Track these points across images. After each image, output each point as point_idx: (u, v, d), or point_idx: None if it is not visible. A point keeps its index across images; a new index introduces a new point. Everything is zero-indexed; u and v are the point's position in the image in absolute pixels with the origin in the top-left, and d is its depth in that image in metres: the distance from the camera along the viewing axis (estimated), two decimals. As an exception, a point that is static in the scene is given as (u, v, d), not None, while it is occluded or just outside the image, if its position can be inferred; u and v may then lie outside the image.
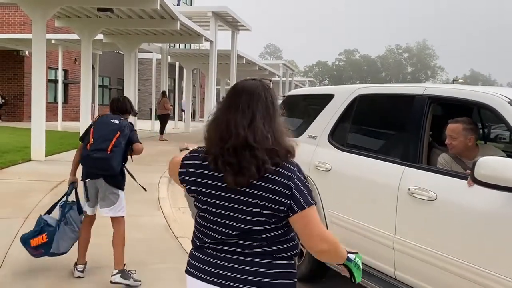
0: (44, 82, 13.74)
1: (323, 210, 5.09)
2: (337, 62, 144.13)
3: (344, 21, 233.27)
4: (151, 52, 28.22)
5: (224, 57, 26.24)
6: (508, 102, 3.71)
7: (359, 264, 2.39)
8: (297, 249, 2.29)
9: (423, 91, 4.36)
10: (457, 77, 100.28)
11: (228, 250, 2.22)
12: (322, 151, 5.30)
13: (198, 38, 21.85)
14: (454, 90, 4.24)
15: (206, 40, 22.17)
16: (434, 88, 4.42)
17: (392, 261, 4.25)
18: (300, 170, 2.21)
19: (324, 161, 5.18)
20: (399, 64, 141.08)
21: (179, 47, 34.28)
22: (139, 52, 24.69)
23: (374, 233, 4.42)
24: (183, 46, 35.61)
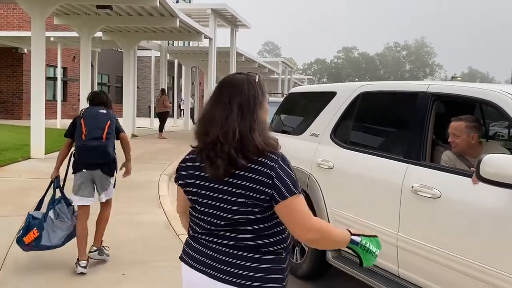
0: (43, 80, 13.73)
1: (326, 208, 5.08)
2: (335, 60, 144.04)
3: (342, 19, 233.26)
4: (150, 49, 28.20)
5: (223, 54, 26.19)
6: None
7: (368, 246, 2.26)
8: (285, 243, 2.27)
9: (427, 89, 4.35)
10: (455, 74, 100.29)
11: (217, 242, 2.25)
12: (324, 149, 5.29)
13: (197, 35, 21.82)
14: (458, 87, 4.23)
15: (206, 37, 22.15)
16: (437, 85, 4.41)
17: (395, 259, 4.24)
18: (284, 159, 2.20)
19: (326, 158, 5.17)
20: (398, 61, 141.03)
21: (178, 45, 34.25)
22: (138, 49, 24.61)
23: (377, 230, 4.38)
24: (182, 44, 35.57)
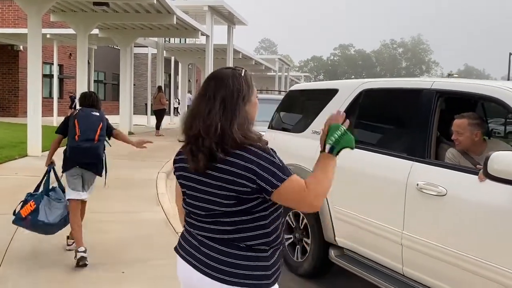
0: (40, 77, 13.68)
1: (328, 206, 5.04)
2: (332, 57, 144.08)
3: (339, 16, 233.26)
4: (147, 46, 28.10)
5: (220, 51, 26.11)
6: None
7: (339, 139, 2.26)
8: (268, 238, 2.25)
9: (431, 85, 4.31)
10: (451, 71, 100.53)
11: (202, 234, 2.29)
12: (326, 146, 5.21)
13: (194, 32, 21.75)
14: (463, 84, 4.20)
15: (202, 34, 22.06)
16: (442, 82, 4.37)
17: (400, 257, 4.21)
18: (264, 149, 2.19)
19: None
20: (394, 59, 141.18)
21: (175, 42, 34.16)
22: (134, 46, 24.53)
23: (381, 229, 4.37)
24: (179, 41, 35.47)
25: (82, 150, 5.51)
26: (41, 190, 5.69)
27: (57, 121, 22.98)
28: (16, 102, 27.63)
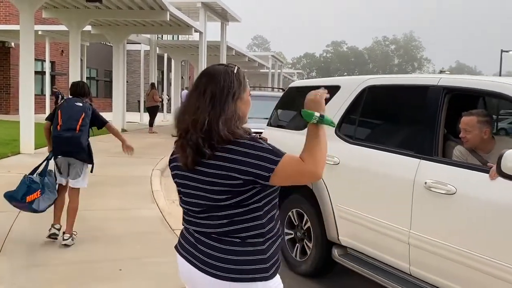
0: (32, 74, 13.54)
1: (331, 205, 4.96)
2: (324, 54, 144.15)
3: (331, 13, 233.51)
4: (139, 43, 27.98)
5: (213, 48, 26.02)
6: None
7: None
8: (262, 229, 2.24)
9: (438, 82, 4.24)
10: (443, 68, 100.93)
11: (197, 231, 2.30)
12: (329, 144, 5.12)
13: (187, 29, 21.64)
14: (472, 80, 4.13)
15: (196, 31, 21.97)
16: (449, 78, 4.31)
17: (407, 256, 4.14)
18: (253, 139, 2.19)
19: (331, 154, 5.01)
20: (386, 55, 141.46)
21: (168, 38, 34.01)
22: (127, 43, 24.36)
23: (387, 227, 4.30)
24: (172, 37, 35.33)
25: (64, 140, 5.81)
26: (38, 174, 5.85)
27: (49, 118, 22.81)
28: (7, 99, 27.38)
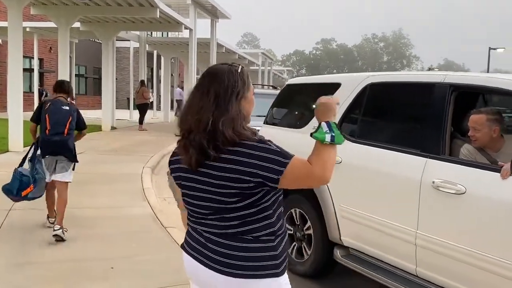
0: (21, 71, 13.35)
1: (333, 205, 4.86)
2: (314, 51, 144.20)
3: (321, 10, 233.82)
4: (129, 40, 27.71)
5: (203, 45, 25.82)
6: None
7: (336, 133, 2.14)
8: (273, 227, 2.23)
9: (444, 79, 4.15)
10: (432, 66, 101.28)
11: (208, 231, 2.27)
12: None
13: (177, 26, 21.46)
14: (480, 78, 4.05)
15: (186, 28, 21.78)
16: (455, 76, 4.21)
17: (413, 257, 4.05)
18: (261, 141, 2.16)
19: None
20: (375, 53, 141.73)
21: (157, 35, 33.77)
22: (116, 40, 24.10)
23: (392, 228, 4.21)
24: (161, 35, 35.09)
25: (53, 143, 6.06)
26: (29, 160, 6.17)
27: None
28: (-5, 97, 27.04)
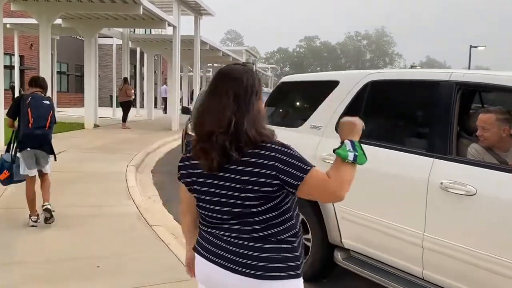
0: (2, 69, 13.04)
1: (334, 206, 4.72)
2: (297, 49, 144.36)
3: (305, 7, 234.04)
4: (111, 37, 27.35)
5: (187, 43, 25.59)
6: None
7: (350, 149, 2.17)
8: (295, 229, 2.25)
9: (449, 77, 4.03)
10: (414, 63, 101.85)
11: (228, 235, 2.24)
12: (329, 142, 4.83)
13: (161, 23, 21.19)
14: (488, 76, 3.94)
15: (169, 25, 21.53)
16: (461, 73, 4.09)
17: (419, 260, 3.93)
18: (283, 145, 2.17)
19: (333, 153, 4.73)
20: (358, 51, 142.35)
21: (140, 32, 33.42)
22: (99, 37, 23.75)
23: (397, 230, 4.09)
24: (144, 31, 34.73)
25: (35, 137, 6.32)
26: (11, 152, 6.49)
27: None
28: (-26, 95, 26.51)
